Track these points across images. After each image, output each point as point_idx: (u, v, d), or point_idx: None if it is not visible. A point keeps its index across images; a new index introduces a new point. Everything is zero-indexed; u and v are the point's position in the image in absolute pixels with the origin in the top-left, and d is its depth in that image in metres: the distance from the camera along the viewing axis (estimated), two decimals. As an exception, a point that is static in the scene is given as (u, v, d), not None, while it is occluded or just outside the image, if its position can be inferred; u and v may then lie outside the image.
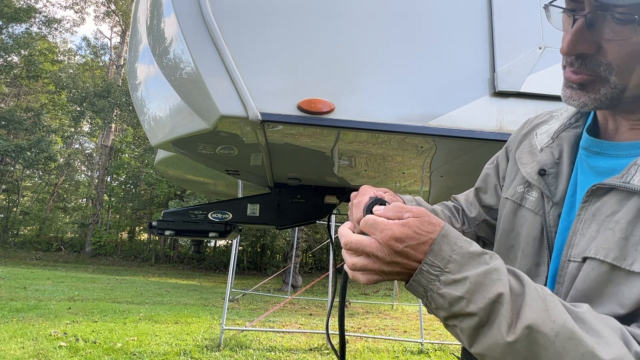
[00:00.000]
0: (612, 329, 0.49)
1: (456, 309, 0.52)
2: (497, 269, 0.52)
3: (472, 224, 0.93)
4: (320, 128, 1.39)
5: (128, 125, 23.88)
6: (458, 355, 0.58)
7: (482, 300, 0.50)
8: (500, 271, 0.52)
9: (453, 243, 0.54)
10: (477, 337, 0.52)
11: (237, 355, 5.45)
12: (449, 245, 0.54)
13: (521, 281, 0.53)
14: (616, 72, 0.58)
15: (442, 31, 1.52)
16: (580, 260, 0.59)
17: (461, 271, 0.52)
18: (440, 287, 0.53)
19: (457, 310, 0.52)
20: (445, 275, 0.52)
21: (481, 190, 0.93)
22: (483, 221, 0.92)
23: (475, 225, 0.93)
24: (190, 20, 1.37)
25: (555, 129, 0.74)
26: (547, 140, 0.74)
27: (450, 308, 0.52)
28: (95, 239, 21.14)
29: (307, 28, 1.43)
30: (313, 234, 18.77)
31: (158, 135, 1.74)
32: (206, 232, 2.13)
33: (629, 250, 0.54)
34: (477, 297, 0.50)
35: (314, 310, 9.90)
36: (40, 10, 22.95)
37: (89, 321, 6.81)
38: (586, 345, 0.46)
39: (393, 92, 1.44)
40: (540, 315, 0.48)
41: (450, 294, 0.52)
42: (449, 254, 0.53)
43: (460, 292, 0.51)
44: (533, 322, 0.48)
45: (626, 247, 0.54)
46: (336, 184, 2.36)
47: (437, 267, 0.53)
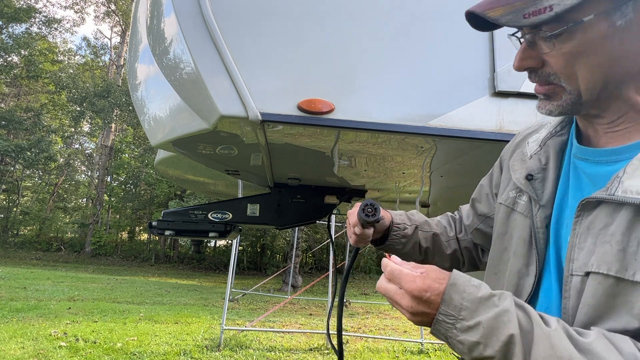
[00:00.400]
0: (624, 355, 0.50)
1: (475, 353, 0.56)
2: (507, 310, 0.56)
3: (468, 231, 1.02)
4: (320, 128, 1.39)
5: (128, 125, 23.88)
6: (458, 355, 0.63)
7: (497, 344, 0.54)
8: (510, 312, 0.55)
9: (462, 291, 0.59)
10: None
11: (237, 355, 5.45)
12: (459, 293, 0.59)
13: (529, 317, 0.56)
14: (564, 79, 0.65)
15: (442, 31, 1.52)
16: (582, 274, 0.61)
17: (474, 317, 0.57)
18: (458, 334, 0.57)
19: (476, 355, 0.56)
20: (460, 322, 0.57)
21: (476, 200, 1.00)
22: (477, 229, 0.99)
23: (470, 232, 1.01)
24: (190, 20, 1.37)
25: (542, 137, 0.79)
26: (535, 147, 0.79)
27: (470, 353, 0.57)
28: (95, 239, 21.14)
29: (307, 28, 1.43)
30: (313, 234, 18.76)
31: (158, 135, 1.74)
32: (206, 232, 2.13)
33: (628, 262, 0.56)
34: (491, 340, 0.54)
35: (314, 310, 9.90)
36: (40, 10, 22.95)
37: (89, 321, 6.81)
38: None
39: (393, 92, 1.44)
40: (548, 352, 0.51)
41: (468, 340, 0.56)
42: (459, 302, 0.58)
43: (476, 338, 0.56)
44: None
45: (625, 258, 0.56)
46: (336, 184, 2.36)
47: (452, 316, 0.58)
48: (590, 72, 0.63)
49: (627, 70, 0.62)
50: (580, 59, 0.63)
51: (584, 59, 0.62)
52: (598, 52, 0.62)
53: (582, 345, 0.52)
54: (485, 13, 0.65)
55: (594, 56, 0.62)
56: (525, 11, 0.61)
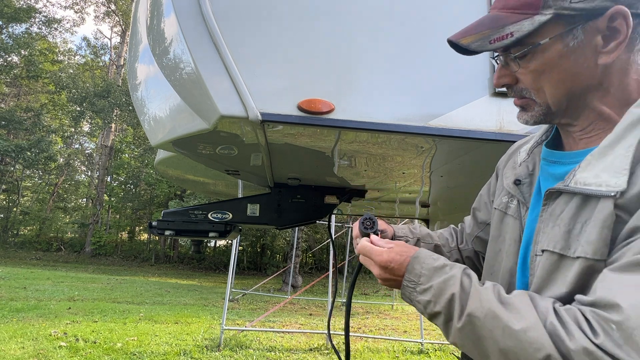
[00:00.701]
0: (534, 306, 0.62)
1: (428, 310, 0.72)
2: (453, 275, 0.71)
3: (469, 239, 1.09)
4: (320, 128, 1.39)
5: (128, 125, 23.88)
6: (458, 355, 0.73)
7: (443, 301, 0.69)
8: (455, 277, 0.70)
9: (422, 262, 0.76)
10: (447, 330, 0.70)
11: (237, 355, 5.45)
12: (419, 264, 0.76)
13: (471, 281, 0.70)
14: (534, 93, 0.75)
15: (442, 31, 1.52)
16: (540, 253, 0.73)
17: (429, 282, 0.73)
18: (417, 295, 0.74)
19: (430, 311, 0.72)
20: (419, 286, 0.74)
21: (476, 209, 1.08)
22: (477, 237, 1.06)
23: (472, 240, 1.08)
24: (190, 20, 1.37)
25: (530, 146, 0.88)
26: (524, 156, 0.88)
27: (426, 310, 0.73)
28: (95, 239, 21.13)
29: (307, 28, 1.43)
30: (313, 234, 18.77)
31: (158, 135, 1.74)
32: (206, 232, 2.13)
33: (571, 241, 0.67)
34: (439, 299, 0.70)
35: (314, 310, 9.90)
36: (40, 10, 22.95)
37: (89, 321, 6.81)
38: (504, 320, 0.62)
39: (393, 92, 1.43)
40: (476, 304, 0.65)
41: (423, 300, 0.73)
42: (420, 270, 0.75)
43: (428, 297, 0.72)
44: (471, 311, 0.65)
45: (569, 239, 0.67)
46: (336, 184, 2.36)
47: (413, 282, 0.75)
48: (554, 87, 0.73)
49: (586, 83, 0.71)
50: (544, 75, 0.73)
51: (547, 75, 0.73)
52: (558, 69, 0.71)
53: (504, 299, 0.65)
54: (459, 41, 0.76)
55: (555, 73, 0.72)
56: (491, 38, 0.72)
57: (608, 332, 0.54)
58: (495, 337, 0.62)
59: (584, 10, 0.67)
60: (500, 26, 0.71)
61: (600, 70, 0.70)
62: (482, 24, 0.75)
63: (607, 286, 0.58)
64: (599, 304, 0.57)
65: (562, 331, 0.57)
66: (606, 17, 0.67)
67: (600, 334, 0.55)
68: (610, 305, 0.56)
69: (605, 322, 0.55)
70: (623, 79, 0.71)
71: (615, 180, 0.63)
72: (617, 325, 0.54)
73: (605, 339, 0.54)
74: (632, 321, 0.53)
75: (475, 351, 0.66)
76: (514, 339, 0.60)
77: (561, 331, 0.57)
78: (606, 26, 0.68)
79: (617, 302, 0.55)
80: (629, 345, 0.52)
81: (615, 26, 0.67)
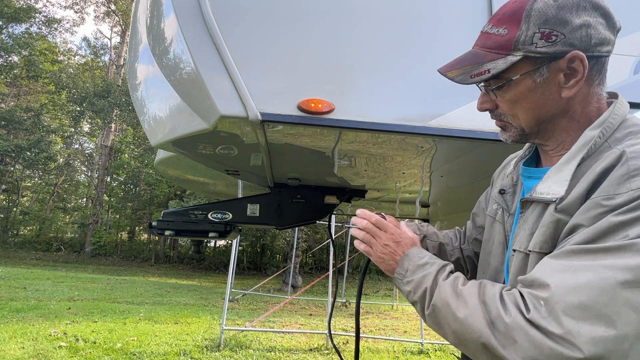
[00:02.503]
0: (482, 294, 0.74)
1: (410, 298, 0.89)
2: (429, 272, 0.86)
3: (469, 241, 1.19)
4: (320, 128, 1.39)
5: (128, 125, 23.87)
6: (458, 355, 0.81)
7: (419, 293, 0.86)
8: (430, 274, 0.86)
9: (410, 259, 0.93)
10: (422, 316, 0.87)
11: (237, 355, 5.45)
12: (408, 261, 0.93)
13: (441, 276, 0.85)
14: (510, 118, 0.89)
15: (443, 31, 1.52)
16: (513, 253, 0.86)
17: (412, 276, 0.89)
18: (402, 286, 0.92)
19: (410, 299, 0.89)
20: (405, 278, 0.91)
21: (475, 215, 1.19)
22: (476, 239, 1.16)
23: (471, 242, 1.18)
24: (190, 20, 1.37)
25: (516, 160, 1.01)
26: (511, 168, 1.02)
27: (408, 297, 0.91)
28: (95, 239, 21.12)
29: (307, 28, 1.43)
30: (313, 234, 18.76)
31: (158, 135, 1.74)
32: (206, 232, 2.13)
33: (532, 241, 0.80)
34: (417, 290, 0.87)
35: (314, 311, 9.90)
36: (40, 10, 22.95)
37: (88, 321, 6.81)
38: (452, 309, 0.77)
39: (393, 92, 1.44)
40: (437, 296, 0.81)
41: (406, 290, 0.90)
42: (407, 266, 0.92)
43: (409, 288, 0.89)
44: (434, 302, 0.81)
45: (531, 239, 0.81)
46: (336, 184, 2.36)
47: (401, 274, 0.93)
48: (525, 114, 0.86)
49: (553, 112, 0.85)
50: (517, 104, 0.86)
51: (520, 104, 0.86)
52: (528, 100, 0.85)
53: (458, 291, 0.78)
54: (446, 73, 0.90)
55: (526, 102, 0.85)
56: (472, 73, 0.85)
57: (537, 307, 0.66)
58: (449, 323, 0.77)
59: (547, 53, 0.80)
60: (480, 63, 0.85)
61: (564, 101, 0.83)
62: (465, 60, 0.88)
63: (542, 269, 0.71)
64: (534, 283, 0.70)
65: (502, 312, 0.70)
66: (566, 59, 0.80)
67: (531, 309, 0.67)
68: (541, 285, 0.68)
69: (536, 299, 0.67)
70: (585, 107, 0.84)
71: (558, 190, 0.78)
72: (544, 301, 0.66)
73: (534, 313, 0.66)
74: (556, 297, 0.65)
75: (441, 333, 0.82)
76: (459, 324, 0.75)
77: (502, 312, 0.70)
78: (566, 66, 0.80)
79: (547, 282, 0.67)
80: (552, 317, 0.64)
81: (574, 66, 0.80)
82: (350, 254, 11.68)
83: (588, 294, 0.63)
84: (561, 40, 0.79)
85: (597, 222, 0.69)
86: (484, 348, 0.70)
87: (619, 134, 0.80)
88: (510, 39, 0.82)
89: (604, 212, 0.69)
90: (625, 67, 1.50)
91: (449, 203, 3.04)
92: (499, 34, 0.84)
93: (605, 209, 0.69)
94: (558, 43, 0.79)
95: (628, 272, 0.62)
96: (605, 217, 0.68)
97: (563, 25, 0.79)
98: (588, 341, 0.61)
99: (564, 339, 0.62)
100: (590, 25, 0.79)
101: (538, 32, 0.80)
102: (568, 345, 0.62)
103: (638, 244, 0.64)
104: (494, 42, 0.84)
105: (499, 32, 0.84)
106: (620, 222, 0.66)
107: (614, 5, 0.84)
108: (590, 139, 0.80)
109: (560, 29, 0.79)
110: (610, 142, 0.79)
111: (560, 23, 0.79)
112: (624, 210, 0.67)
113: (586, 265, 0.66)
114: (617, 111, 0.82)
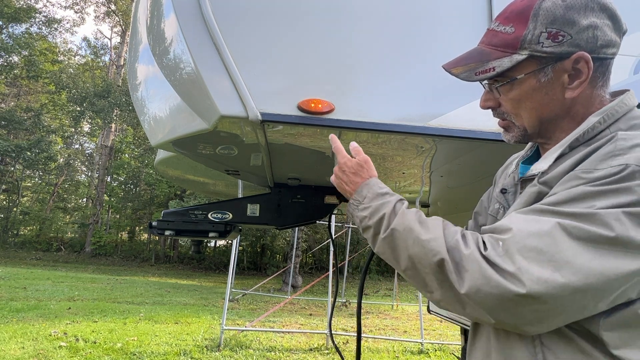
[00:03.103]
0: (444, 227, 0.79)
1: (362, 224, 0.92)
2: (389, 201, 0.90)
3: None
4: (320, 128, 1.39)
5: (128, 125, 23.87)
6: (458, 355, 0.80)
7: (375, 218, 0.88)
8: (390, 202, 0.90)
9: (370, 187, 0.96)
10: (374, 242, 0.89)
11: (237, 355, 5.45)
12: (367, 189, 0.96)
13: (401, 206, 0.89)
14: (513, 117, 0.90)
15: (443, 31, 1.52)
16: None
17: (370, 203, 0.92)
18: (357, 212, 0.94)
19: (363, 225, 0.92)
20: (361, 204, 0.94)
21: (477, 214, 1.19)
22: None
23: None
24: (190, 20, 1.37)
25: (518, 160, 1.02)
26: (512, 168, 1.01)
27: (360, 223, 0.93)
28: (95, 239, 21.11)
29: (307, 28, 1.43)
30: (313, 234, 18.75)
31: (158, 135, 1.74)
32: (206, 232, 2.13)
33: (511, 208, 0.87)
34: (373, 216, 0.89)
35: (314, 310, 9.90)
36: (40, 10, 22.95)
37: (89, 321, 6.81)
38: (415, 232, 0.80)
39: (393, 92, 1.44)
40: (399, 221, 0.84)
41: (360, 215, 0.93)
42: (365, 193, 0.95)
43: (365, 214, 0.91)
44: (394, 226, 0.84)
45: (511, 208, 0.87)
46: (336, 184, 2.35)
47: (357, 200, 0.96)
48: (528, 113, 0.87)
49: (556, 112, 0.85)
50: (521, 103, 0.86)
51: (523, 103, 0.86)
52: (532, 99, 0.85)
53: (422, 220, 0.82)
54: (450, 70, 0.91)
55: (530, 102, 0.85)
56: (476, 70, 0.86)
57: (494, 246, 0.71)
58: (407, 245, 0.80)
59: (553, 53, 0.80)
60: (485, 61, 0.85)
61: (567, 102, 0.84)
62: (470, 57, 0.89)
63: (507, 219, 0.76)
64: (497, 229, 0.74)
65: (462, 244, 0.74)
66: (571, 60, 0.80)
67: (489, 247, 0.71)
68: (503, 229, 0.73)
69: (496, 240, 0.72)
70: (587, 109, 0.84)
71: (543, 166, 0.83)
72: (503, 242, 0.70)
73: (491, 250, 0.71)
74: (515, 238, 0.69)
75: (391, 257, 0.84)
76: (420, 247, 0.78)
77: (461, 244, 0.74)
78: (571, 67, 0.81)
79: (510, 227, 0.72)
80: (507, 256, 0.68)
81: (579, 67, 0.80)
82: (350, 254, 11.68)
83: (545, 240, 0.67)
84: (568, 40, 0.79)
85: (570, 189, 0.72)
86: (437, 270, 0.74)
87: (622, 124, 0.80)
88: (516, 38, 0.82)
89: (579, 183, 0.71)
90: (625, 67, 1.50)
91: (449, 203, 3.04)
92: (506, 32, 0.84)
93: (582, 181, 0.71)
94: (564, 43, 0.79)
95: (585, 233, 0.66)
96: (578, 187, 0.71)
97: (570, 25, 0.79)
98: (534, 279, 0.65)
99: (512, 275, 0.66)
100: (597, 27, 0.79)
101: (545, 31, 0.79)
102: (514, 281, 0.66)
103: (600, 214, 0.66)
104: (500, 40, 0.84)
105: (505, 30, 0.84)
106: (590, 192, 0.69)
107: (614, 5, 0.84)
108: (590, 123, 0.81)
109: (567, 30, 0.79)
110: (611, 129, 0.79)
111: (567, 23, 0.79)
112: (598, 183, 0.69)
113: (549, 220, 0.69)
114: (625, 100, 0.82)
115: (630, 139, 0.72)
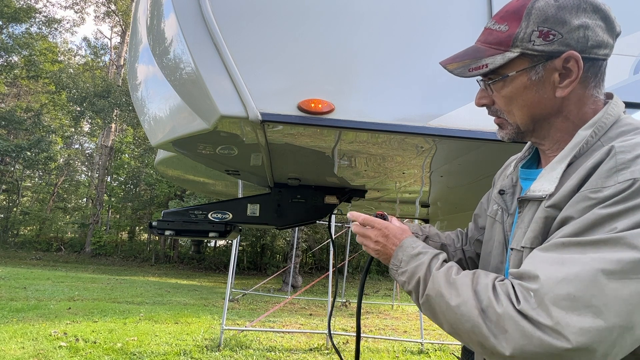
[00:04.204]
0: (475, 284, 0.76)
1: (405, 288, 0.91)
2: (423, 262, 0.87)
3: (471, 242, 1.20)
4: (320, 128, 1.39)
5: (128, 125, 23.86)
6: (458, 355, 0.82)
7: (413, 282, 0.87)
8: (423, 264, 0.87)
9: (404, 250, 0.93)
10: (418, 305, 0.87)
11: (237, 355, 5.45)
12: (402, 252, 0.93)
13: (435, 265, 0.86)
14: (506, 115, 0.91)
15: (443, 31, 1.52)
16: (511, 252, 0.88)
17: (406, 267, 0.90)
18: (397, 276, 0.93)
19: (406, 289, 0.91)
20: (400, 269, 0.92)
21: (477, 216, 1.20)
22: (477, 240, 1.17)
23: (472, 243, 1.19)
24: (190, 20, 1.37)
25: (516, 161, 1.03)
26: (511, 169, 1.03)
27: (402, 287, 0.92)
28: (95, 239, 21.10)
29: (307, 28, 1.43)
30: (313, 234, 18.75)
31: (158, 135, 1.74)
32: (206, 232, 2.13)
33: (524, 238, 0.83)
34: (411, 280, 0.88)
35: (314, 310, 9.90)
36: (40, 10, 22.96)
37: (89, 321, 6.81)
38: (445, 298, 0.78)
39: (393, 92, 1.44)
40: (431, 286, 0.82)
41: (401, 280, 0.92)
42: (401, 257, 0.93)
43: (404, 279, 0.90)
44: (428, 292, 0.82)
45: (525, 237, 0.83)
46: (336, 184, 2.36)
47: (396, 265, 0.94)
48: (520, 110, 0.88)
49: (547, 111, 0.86)
50: (513, 100, 0.88)
51: (515, 101, 0.88)
52: (523, 97, 0.86)
53: (451, 280, 0.80)
54: (446, 66, 0.93)
55: (521, 99, 0.87)
56: (470, 67, 0.88)
57: (527, 299, 0.68)
58: (443, 312, 0.79)
59: (544, 51, 0.82)
60: (479, 57, 0.87)
61: (558, 101, 0.85)
62: (466, 54, 0.91)
63: (531, 262, 0.73)
64: (524, 275, 0.72)
65: (494, 302, 0.71)
66: (561, 59, 0.81)
67: (521, 301, 0.68)
68: (531, 277, 0.70)
69: (526, 290, 0.69)
70: (581, 108, 0.85)
71: (548, 186, 0.81)
72: (534, 292, 0.67)
73: (525, 304, 0.67)
74: (545, 289, 0.66)
75: (436, 322, 0.83)
76: (452, 313, 0.76)
77: (494, 302, 0.71)
78: (562, 66, 0.82)
79: (536, 274, 0.69)
80: (541, 308, 0.65)
81: (569, 67, 0.81)
82: (350, 254, 11.68)
83: (576, 285, 0.64)
84: (558, 39, 0.80)
85: (585, 214, 0.70)
86: (473, 335, 0.72)
87: (612, 133, 0.81)
88: (509, 36, 0.84)
89: (591, 204, 0.70)
90: (625, 67, 1.50)
91: (449, 203, 3.04)
92: (500, 30, 0.86)
93: (593, 201, 0.70)
94: (555, 42, 0.81)
95: (616, 265, 0.63)
96: (593, 210, 0.69)
97: (561, 25, 0.80)
98: (576, 332, 0.62)
99: (552, 330, 0.63)
100: (588, 27, 0.80)
101: (537, 30, 0.81)
102: (556, 336, 0.63)
103: (626, 237, 0.65)
104: (494, 38, 0.86)
105: (500, 28, 0.86)
106: (607, 214, 0.68)
107: (614, 5, 0.84)
108: (582, 138, 0.82)
109: (558, 29, 0.80)
110: (603, 141, 0.81)
111: (558, 23, 0.80)
112: (611, 202, 0.68)
113: (574, 257, 0.67)
114: (610, 111, 0.83)
115: (629, 151, 0.72)
